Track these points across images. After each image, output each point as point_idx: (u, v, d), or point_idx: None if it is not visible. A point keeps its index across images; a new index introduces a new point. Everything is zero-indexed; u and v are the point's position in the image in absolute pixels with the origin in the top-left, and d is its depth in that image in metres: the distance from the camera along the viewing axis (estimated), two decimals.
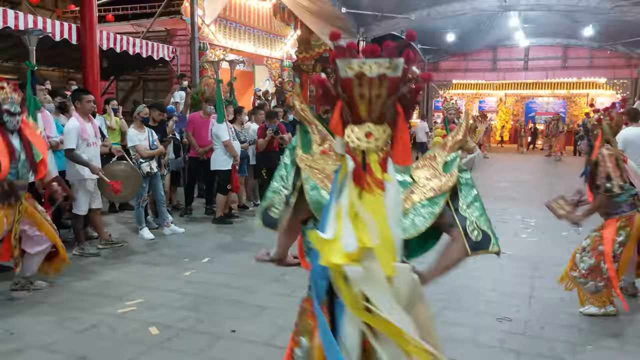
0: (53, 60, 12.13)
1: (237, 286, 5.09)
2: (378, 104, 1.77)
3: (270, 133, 8.29)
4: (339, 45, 1.78)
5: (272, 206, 2.15)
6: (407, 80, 1.80)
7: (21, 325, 4.11)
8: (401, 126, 1.82)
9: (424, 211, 1.94)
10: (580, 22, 22.35)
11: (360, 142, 1.77)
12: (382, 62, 1.72)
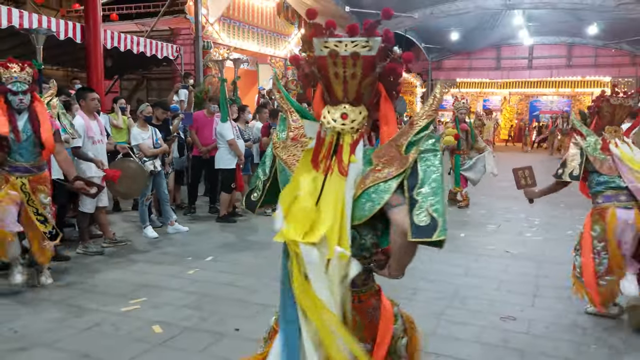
0: (57, 60, 12.15)
1: (240, 285, 5.09)
2: (353, 84, 1.74)
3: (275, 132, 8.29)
4: (316, 23, 1.77)
5: (254, 190, 2.16)
6: (384, 60, 1.75)
7: (25, 323, 4.12)
8: (383, 107, 1.81)
9: (375, 196, 1.77)
10: (584, 20, 22.28)
11: (335, 123, 1.77)
12: (359, 41, 1.70)
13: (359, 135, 1.79)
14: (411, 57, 1.89)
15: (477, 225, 7.97)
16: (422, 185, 1.74)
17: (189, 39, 12.90)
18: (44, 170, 4.96)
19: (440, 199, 1.73)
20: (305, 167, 1.81)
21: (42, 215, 4.81)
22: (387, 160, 1.78)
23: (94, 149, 6.04)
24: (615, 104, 4.15)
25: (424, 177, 1.75)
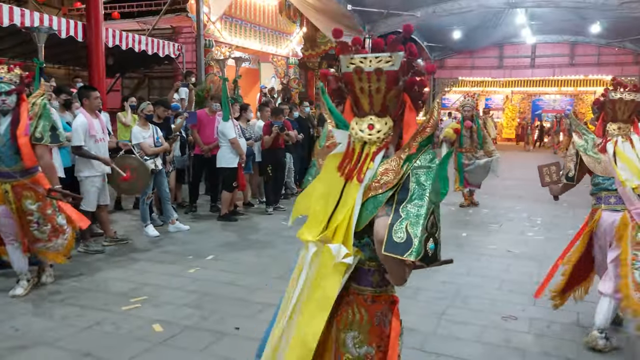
0: (59, 58, 12.17)
1: (241, 284, 5.09)
2: (378, 97, 1.84)
3: (276, 130, 8.28)
4: (342, 41, 1.88)
5: None
6: (407, 73, 1.84)
7: (26, 322, 4.12)
8: (407, 117, 1.89)
9: (372, 206, 1.82)
10: (587, 19, 22.20)
11: (362, 133, 1.87)
12: (382, 57, 1.79)
13: (383, 145, 1.88)
14: (434, 68, 2.01)
15: (479, 225, 7.95)
16: (409, 201, 1.75)
17: (190, 38, 12.91)
18: (32, 175, 4.58)
19: (421, 220, 1.71)
20: (327, 172, 1.95)
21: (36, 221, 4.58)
22: (386, 172, 1.84)
23: (96, 147, 6.02)
24: (614, 99, 3.87)
25: (412, 193, 1.76)
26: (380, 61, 1.79)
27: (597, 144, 3.94)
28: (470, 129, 9.09)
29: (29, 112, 4.54)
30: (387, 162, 1.86)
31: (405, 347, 3.82)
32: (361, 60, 1.81)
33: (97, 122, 6.14)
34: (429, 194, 1.75)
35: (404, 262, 1.73)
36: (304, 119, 10.73)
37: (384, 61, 1.79)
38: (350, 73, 1.83)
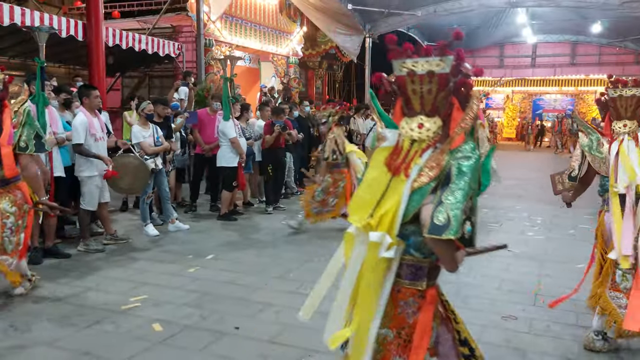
0: (59, 57, 12.15)
1: (241, 283, 5.09)
2: (429, 98, 1.99)
3: (278, 129, 8.28)
4: (394, 47, 2.04)
5: None
6: (456, 75, 1.99)
7: (25, 321, 4.12)
8: (456, 116, 2.02)
9: (419, 197, 1.97)
10: (588, 18, 22.19)
11: (412, 132, 2.02)
12: (433, 61, 1.96)
13: (432, 143, 2.01)
14: (482, 72, 2.17)
15: (479, 224, 7.92)
16: (450, 188, 1.91)
17: (190, 37, 12.89)
18: (13, 184, 4.34)
19: (460, 203, 1.87)
20: (375, 164, 2.10)
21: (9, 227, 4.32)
22: (430, 166, 1.98)
23: (96, 146, 6.02)
24: (614, 97, 3.74)
25: (453, 181, 1.92)
26: (431, 64, 1.94)
27: (603, 143, 3.87)
28: None
29: (12, 120, 4.31)
30: (431, 157, 2.00)
31: None
32: (413, 64, 1.96)
33: (97, 121, 6.14)
34: (468, 181, 1.90)
35: (452, 247, 1.92)
36: (304, 118, 10.73)
37: (435, 64, 1.94)
38: (404, 76, 1.99)
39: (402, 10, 19.83)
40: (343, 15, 17.84)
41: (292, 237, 7.01)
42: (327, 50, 19.53)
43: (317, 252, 6.20)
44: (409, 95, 2.01)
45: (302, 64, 18.69)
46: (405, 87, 2.01)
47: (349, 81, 25.99)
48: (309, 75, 20.66)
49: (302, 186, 10.79)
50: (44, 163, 5.58)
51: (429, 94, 1.98)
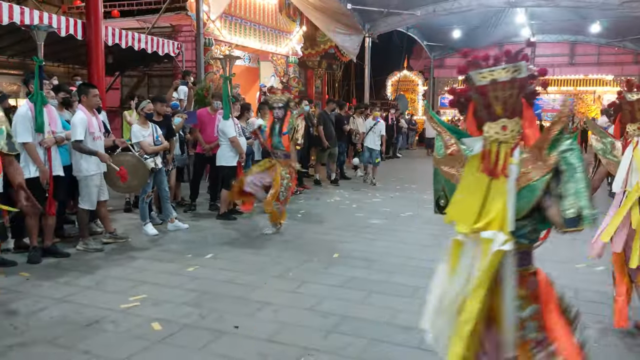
0: (58, 56, 12.13)
1: (240, 282, 5.09)
2: (510, 102, 2.15)
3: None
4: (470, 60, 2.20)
5: (440, 198, 2.58)
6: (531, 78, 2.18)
7: (25, 319, 4.12)
8: (527, 113, 2.21)
9: (529, 193, 2.17)
10: (587, 18, 22.19)
11: (498, 135, 2.17)
12: (509, 67, 2.13)
13: (517, 142, 2.19)
14: (546, 71, 2.33)
15: None
16: (566, 182, 2.11)
17: (190, 36, 12.87)
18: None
19: (583, 192, 2.08)
20: (470, 174, 2.25)
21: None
22: (533, 163, 2.16)
23: (94, 144, 6.02)
24: (632, 100, 3.78)
25: (568, 174, 2.11)
26: (510, 71, 2.11)
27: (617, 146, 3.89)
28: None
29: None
30: (528, 155, 2.19)
31: (403, 346, 3.86)
32: (491, 74, 2.12)
33: (95, 120, 6.14)
34: (582, 169, 2.09)
35: None
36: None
37: (512, 71, 2.11)
38: (486, 85, 2.14)
39: (402, 10, 19.83)
40: (342, 14, 17.83)
41: (291, 236, 7.01)
42: (326, 49, 19.50)
43: (316, 252, 6.20)
44: (490, 102, 2.16)
45: (301, 63, 18.67)
46: (487, 94, 2.16)
47: (348, 81, 25.97)
48: (308, 75, 20.64)
49: (302, 185, 10.82)
50: (44, 162, 5.59)
51: (510, 98, 2.14)
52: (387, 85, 28.00)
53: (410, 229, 7.49)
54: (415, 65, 28.92)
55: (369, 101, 20.89)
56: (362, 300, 4.67)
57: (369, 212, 8.68)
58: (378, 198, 10.19)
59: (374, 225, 7.73)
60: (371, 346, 3.76)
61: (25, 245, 5.87)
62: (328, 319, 4.23)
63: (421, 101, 28.01)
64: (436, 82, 29.15)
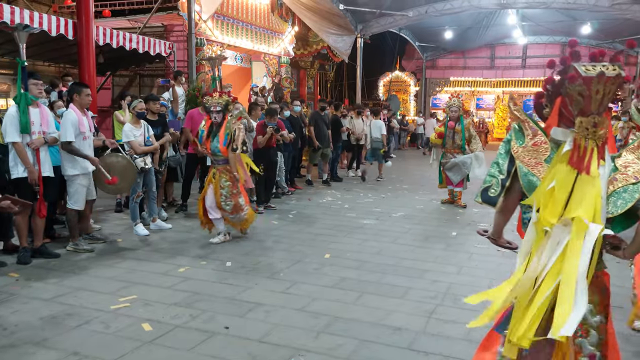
0: (49, 56, 12.06)
1: (231, 283, 5.08)
2: (607, 98, 2.15)
3: (271, 131, 8.26)
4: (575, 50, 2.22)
5: (491, 187, 2.50)
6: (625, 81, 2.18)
7: (14, 321, 4.09)
8: (608, 117, 2.18)
9: (626, 195, 2.18)
10: (578, 20, 22.36)
11: (588, 130, 2.14)
12: (615, 65, 2.14)
13: (604, 142, 2.17)
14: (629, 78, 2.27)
15: (469, 224, 7.98)
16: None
17: (182, 36, 12.83)
18: None
19: None
20: (559, 165, 2.19)
21: None
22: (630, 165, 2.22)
23: (83, 144, 6.01)
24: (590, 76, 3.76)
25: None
26: (617, 68, 2.12)
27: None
28: (453, 129, 9.16)
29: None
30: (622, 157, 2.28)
31: (394, 347, 3.86)
32: (604, 67, 2.11)
33: (85, 119, 6.13)
34: None
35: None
36: (295, 118, 10.74)
37: (619, 68, 2.13)
38: (592, 77, 2.11)
39: (394, 11, 19.90)
40: (335, 15, 17.85)
41: (282, 236, 7.01)
42: (318, 50, 19.51)
43: (308, 253, 6.21)
44: (591, 95, 2.13)
45: (293, 63, 18.67)
46: (590, 87, 2.12)
47: (340, 81, 26.00)
48: (300, 75, 20.64)
49: (294, 186, 10.82)
50: (33, 163, 5.55)
51: (608, 95, 2.13)
52: (379, 85, 28.06)
53: (402, 230, 7.51)
54: (407, 66, 29.00)
55: (361, 102, 20.94)
56: (354, 301, 4.67)
57: (361, 213, 8.69)
58: (370, 198, 10.21)
59: (365, 226, 7.74)
60: (362, 347, 3.77)
61: (14, 247, 5.84)
62: (319, 319, 4.23)
63: (413, 102, 28.09)
64: (428, 83, 29.24)
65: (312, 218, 8.25)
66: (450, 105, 9.31)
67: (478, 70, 28.57)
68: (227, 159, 6.46)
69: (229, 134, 6.40)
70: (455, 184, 9.26)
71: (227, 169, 6.48)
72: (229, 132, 6.41)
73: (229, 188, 6.45)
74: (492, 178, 2.50)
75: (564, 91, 2.20)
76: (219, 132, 6.43)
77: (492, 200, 2.52)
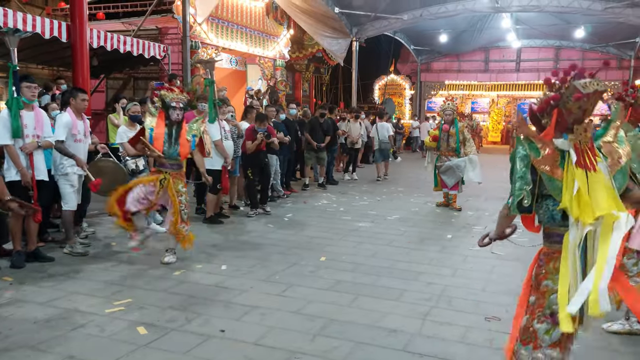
0: (43, 59, 12.04)
1: (226, 286, 5.07)
2: (593, 108, 2.61)
3: (261, 137, 8.23)
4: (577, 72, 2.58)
5: (523, 199, 2.73)
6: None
7: (9, 324, 4.07)
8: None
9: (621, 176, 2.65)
10: (572, 23, 22.50)
11: (582, 135, 2.58)
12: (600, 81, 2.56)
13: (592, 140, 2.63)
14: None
15: (464, 227, 8.00)
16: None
17: (176, 39, 12.84)
18: None
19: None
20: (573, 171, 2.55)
21: None
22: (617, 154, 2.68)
23: (75, 147, 6.01)
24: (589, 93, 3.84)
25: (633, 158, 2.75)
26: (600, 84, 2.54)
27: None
28: (448, 132, 9.19)
29: None
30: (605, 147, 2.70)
31: (389, 348, 3.87)
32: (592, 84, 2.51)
33: (81, 123, 6.14)
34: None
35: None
36: (291, 121, 10.74)
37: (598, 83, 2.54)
38: (589, 94, 2.52)
39: (389, 14, 19.96)
40: (330, 18, 17.90)
41: (277, 239, 7.00)
42: (314, 53, 19.56)
43: (303, 255, 6.21)
44: (587, 107, 2.58)
45: (289, 66, 18.70)
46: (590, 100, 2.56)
47: (336, 84, 26.06)
48: (295, 78, 20.68)
49: (289, 189, 10.82)
50: (25, 166, 5.53)
51: (595, 104, 2.60)
52: (375, 89, 28.11)
53: (397, 232, 7.52)
54: (402, 69, 29.08)
55: (357, 105, 20.97)
56: (349, 303, 4.67)
57: (356, 216, 8.70)
58: (365, 201, 10.22)
59: (360, 229, 7.75)
60: (357, 349, 3.77)
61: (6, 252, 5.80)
62: (314, 322, 4.23)
63: (408, 105, 28.15)
64: (423, 86, 29.33)
65: (308, 221, 8.25)
66: (444, 108, 9.35)
67: (472, 74, 28.68)
68: (181, 164, 5.91)
69: (197, 135, 5.93)
70: (450, 187, 9.29)
71: (182, 174, 5.94)
72: (196, 133, 5.93)
73: (185, 195, 5.88)
74: (521, 191, 2.72)
75: (562, 105, 2.58)
76: (179, 134, 5.78)
77: (528, 210, 2.78)
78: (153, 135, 5.69)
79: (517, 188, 2.73)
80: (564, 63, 26.98)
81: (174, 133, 5.75)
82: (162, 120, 5.75)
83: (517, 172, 2.73)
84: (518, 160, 2.73)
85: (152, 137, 5.69)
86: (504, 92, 28.00)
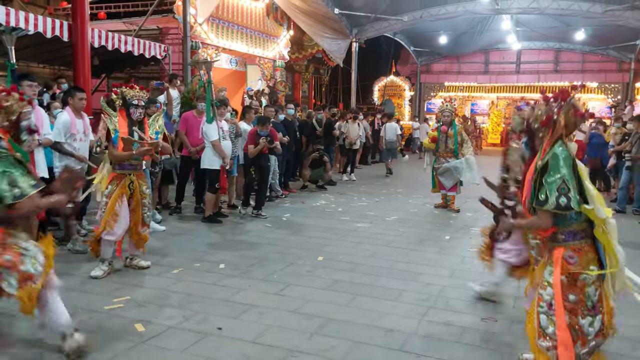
0: (44, 57, 12.07)
1: (224, 284, 5.10)
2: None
3: (264, 143, 8.20)
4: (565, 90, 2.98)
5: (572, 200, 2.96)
6: None
7: (7, 321, 4.08)
8: None
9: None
10: (572, 26, 22.50)
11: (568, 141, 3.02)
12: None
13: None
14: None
15: (462, 228, 8.02)
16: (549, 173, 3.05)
17: (177, 39, 12.87)
18: None
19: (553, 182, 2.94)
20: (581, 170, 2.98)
21: None
22: None
23: (75, 145, 6.09)
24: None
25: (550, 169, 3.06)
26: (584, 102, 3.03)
27: None
28: (446, 134, 9.21)
29: None
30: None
31: (386, 348, 3.88)
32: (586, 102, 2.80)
33: (80, 122, 6.22)
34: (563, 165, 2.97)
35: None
36: (289, 121, 10.77)
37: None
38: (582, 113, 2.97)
39: (389, 15, 19.98)
40: (330, 19, 17.93)
41: (276, 239, 7.02)
42: (313, 54, 19.59)
43: (301, 255, 6.23)
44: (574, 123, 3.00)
45: (288, 67, 18.72)
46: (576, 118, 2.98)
47: (335, 85, 26.09)
48: (295, 79, 20.71)
49: (287, 189, 10.84)
50: None
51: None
52: (374, 90, 28.13)
53: (395, 233, 7.54)
54: (402, 71, 29.09)
55: (356, 106, 21.00)
56: (347, 303, 4.69)
57: (355, 216, 8.72)
58: (364, 202, 10.24)
59: (359, 229, 7.77)
60: (355, 348, 3.79)
61: None
62: (312, 321, 4.26)
63: (408, 106, 28.18)
64: (423, 88, 29.34)
65: (306, 221, 8.27)
66: (442, 110, 9.37)
67: (472, 75, 28.68)
68: (143, 164, 5.57)
69: (160, 132, 5.60)
70: (448, 188, 9.31)
71: (143, 174, 5.62)
72: (160, 130, 5.61)
73: (149, 199, 5.61)
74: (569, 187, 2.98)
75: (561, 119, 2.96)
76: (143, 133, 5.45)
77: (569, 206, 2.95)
78: (119, 137, 5.27)
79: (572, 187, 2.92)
80: (564, 65, 27.05)
81: (137, 133, 5.40)
82: (124, 120, 5.37)
83: (564, 173, 2.89)
84: (562, 160, 2.90)
85: (117, 138, 5.26)
86: (504, 94, 27.99)
